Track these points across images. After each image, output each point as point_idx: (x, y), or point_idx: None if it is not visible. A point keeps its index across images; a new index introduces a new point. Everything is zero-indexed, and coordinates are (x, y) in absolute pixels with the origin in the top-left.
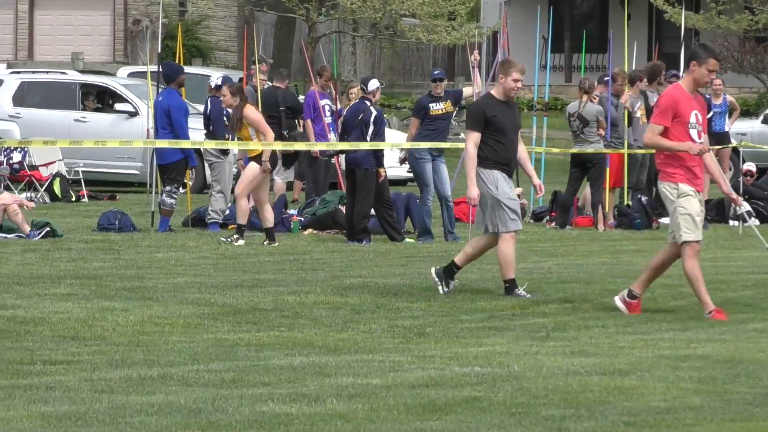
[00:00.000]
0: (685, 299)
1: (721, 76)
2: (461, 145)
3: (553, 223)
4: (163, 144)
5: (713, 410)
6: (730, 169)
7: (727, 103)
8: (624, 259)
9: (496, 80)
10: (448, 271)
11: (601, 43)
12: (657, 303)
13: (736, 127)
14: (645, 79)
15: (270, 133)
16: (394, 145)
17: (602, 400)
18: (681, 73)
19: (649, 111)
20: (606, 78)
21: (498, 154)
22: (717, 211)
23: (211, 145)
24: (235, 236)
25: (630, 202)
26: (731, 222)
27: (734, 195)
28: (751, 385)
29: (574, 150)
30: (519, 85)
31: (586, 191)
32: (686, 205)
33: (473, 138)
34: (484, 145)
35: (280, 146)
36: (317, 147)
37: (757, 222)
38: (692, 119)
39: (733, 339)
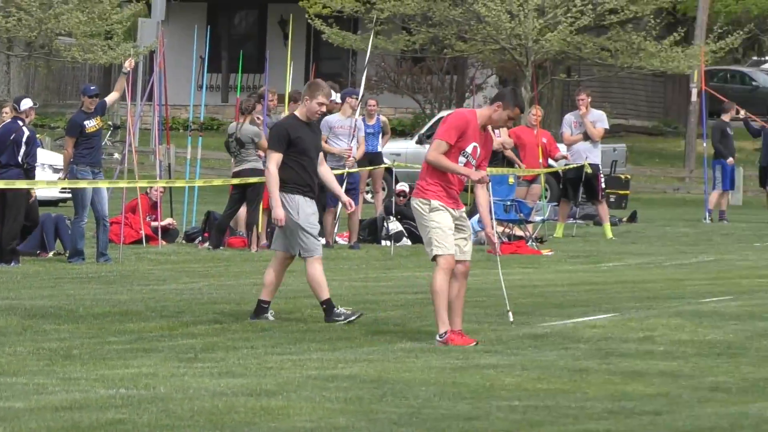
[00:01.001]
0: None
1: (378, 96)
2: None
3: (207, 244)
4: None
5: (359, 430)
6: (384, 189)
7: (380, 123)
8: None
9: (302, 101)
10: (259, 310)
11: (258, 63)
12: (307, 324)
13: (391, 147)
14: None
15: None
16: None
17: (248, 421)
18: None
19: None
20: (256, 94)
21: (299, 177)
22: (369, 231)
23: None
24: None
25: None
26: (383, 242)
27: (494, 239)
28: (397, 404)
29: (235, 181)
30: (323, 108)
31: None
32: (437, 218)
33: (275, 158)
34: (285, 167)
35: None
36: None
37: (409, 242)
38: (469, 149)
39: (381, 359)
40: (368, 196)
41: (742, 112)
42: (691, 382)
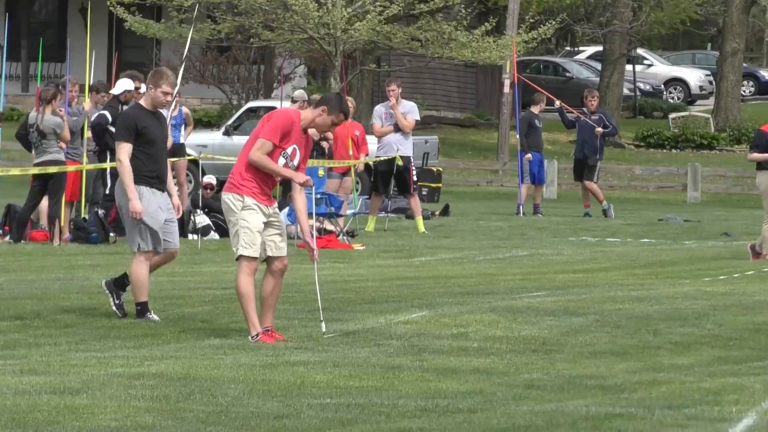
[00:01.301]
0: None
1: (184, 87)
2: None
3: (7, 237)
4: None
5: (166, 429)
6: (190, 182)
7: (182, 115)
8: (80, 274)
9: (146, 89)
10: (119, 283)
11: (60, 52)
12: (112, 320)
13: (197, 139)
14: (102, 92)
15: None
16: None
17: (52, 420)
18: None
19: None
20: (54, 84)
21: (146, 166)
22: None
23: None
24: None
25: (87, 216)
26: (190, 236)
27: (313, 245)
28: (206, 402)
29: (34, 170)
30: (168, 98)
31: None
32: (248, 218)
33: (126, 149)
34: (131, 157)
35: None
36: None
37: (217, 236)
38: (289, 150)
39: (189, 356)
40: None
41: (557, 103)
42: (505, 379)
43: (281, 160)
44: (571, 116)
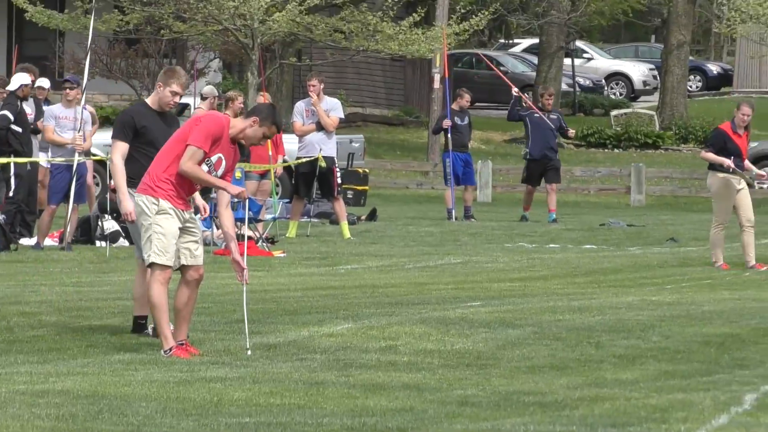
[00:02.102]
0: (44, 328)
1: (89, 82)
2: None
3: None
4: None
5: None
6: (97, 185)
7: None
8: None
9: (156, 87)
10: (137, 327)
11: None
12: (14, 333)
13: (104, 138)
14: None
15: None
16: None
17: None
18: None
19: None
20: None
21: (145, 170)
22: (82, 231)
23: None
24: None
25: None
26: (98, 243)
27: (243, 264)
28: (115, 422)
29: None
30: (177, 98)
31: None
32: (164, 223)
33: (120, 149)
34: (131, 159)
35: None
36: None
37: (127, 243)
38: (214, 159)
39: (97, 372)
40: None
41: (515, 90)
42: (437, 396)
43: (204, 168)
44: (522, 112)
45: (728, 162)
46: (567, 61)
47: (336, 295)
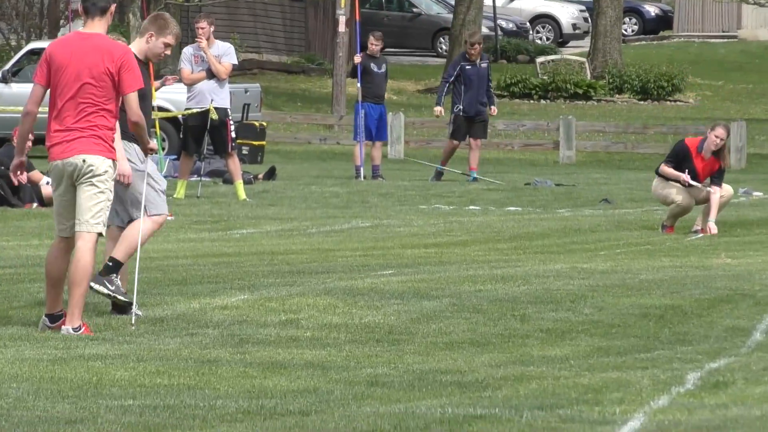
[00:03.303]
0: None
1: None
2: None
3: None
4: None
5: None
6: None
7: None
8: None
9: (142, 35)
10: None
11: None
12: None
13: None
14: None
15: None
16: None
17: None
18: None
19: None
20: None
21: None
22: None
23: None
24: None
25: None
26: None
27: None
28: None
29: None
30: (168, 51)
31: None
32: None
33: None
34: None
35: None
36: None
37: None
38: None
39: None
40: None
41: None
42: (344, 375)
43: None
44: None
45: (684, 177)
46: (488, 1)
47: (230, 263)
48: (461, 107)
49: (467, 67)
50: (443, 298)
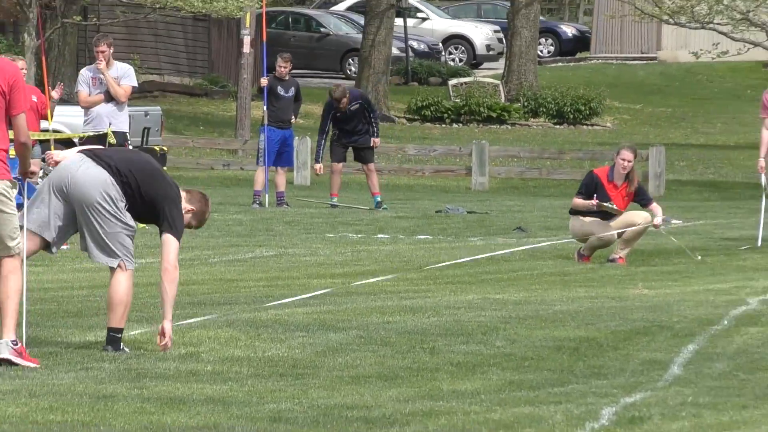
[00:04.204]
0: None
1: None
2: None
3: None
4: None
5: None
6: None
7: None
8: None
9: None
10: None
11: None
12: None
13: None
14: None
15: None
16: None
17: None
18: None
19: None
20: None
21: None
22: None
23: None
24: None
25: None
26: None
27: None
28: None
29: None
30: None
31: None
32: None
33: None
34: None
35: None
36: None
37: None
38: None
39: None
40: None
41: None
42: (246, 411)
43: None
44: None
45: (592, 201)
46: (399, 21)
47: None
48: (339, 136)
49: (338, 114)
50: (350, 330)
